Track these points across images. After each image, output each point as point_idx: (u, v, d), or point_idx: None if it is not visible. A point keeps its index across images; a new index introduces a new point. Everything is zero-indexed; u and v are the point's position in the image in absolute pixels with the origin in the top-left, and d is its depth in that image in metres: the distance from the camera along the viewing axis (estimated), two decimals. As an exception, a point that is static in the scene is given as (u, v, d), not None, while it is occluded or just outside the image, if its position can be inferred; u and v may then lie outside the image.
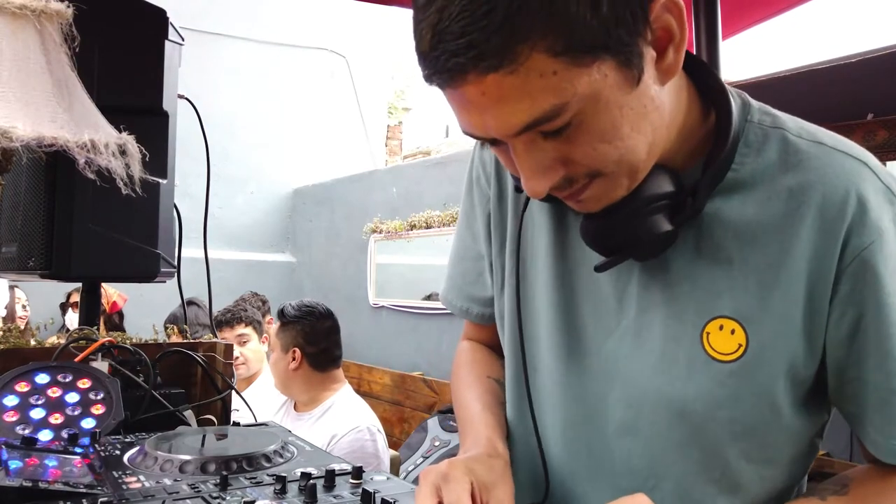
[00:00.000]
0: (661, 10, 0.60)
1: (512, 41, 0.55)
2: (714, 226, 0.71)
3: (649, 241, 0.69)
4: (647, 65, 0.61)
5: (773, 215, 0.69)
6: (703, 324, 0.71)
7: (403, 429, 4.07)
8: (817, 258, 0.68)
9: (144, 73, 1.34)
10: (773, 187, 0.70)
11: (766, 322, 0.69)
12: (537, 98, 0.58)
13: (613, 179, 0.66)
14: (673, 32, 0.61)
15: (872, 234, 0.66)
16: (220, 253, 4.98)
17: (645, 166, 0.67)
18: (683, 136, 0.71)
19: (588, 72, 0.57)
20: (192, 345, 1.37)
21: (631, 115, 0.62)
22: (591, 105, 0.59)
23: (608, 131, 0.61)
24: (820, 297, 0.68)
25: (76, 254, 1.27)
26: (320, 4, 6.11)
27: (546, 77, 0.57)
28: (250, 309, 3.11)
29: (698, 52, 1.42)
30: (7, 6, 0.88)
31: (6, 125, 0.83)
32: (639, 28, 0.59)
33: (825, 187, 0.68)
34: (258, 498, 0.76)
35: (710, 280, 0.71)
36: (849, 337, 0.69)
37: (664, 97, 0.65)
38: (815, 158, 0.70)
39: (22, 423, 0.99)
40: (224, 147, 4.98)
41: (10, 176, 1.32)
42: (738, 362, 0.70)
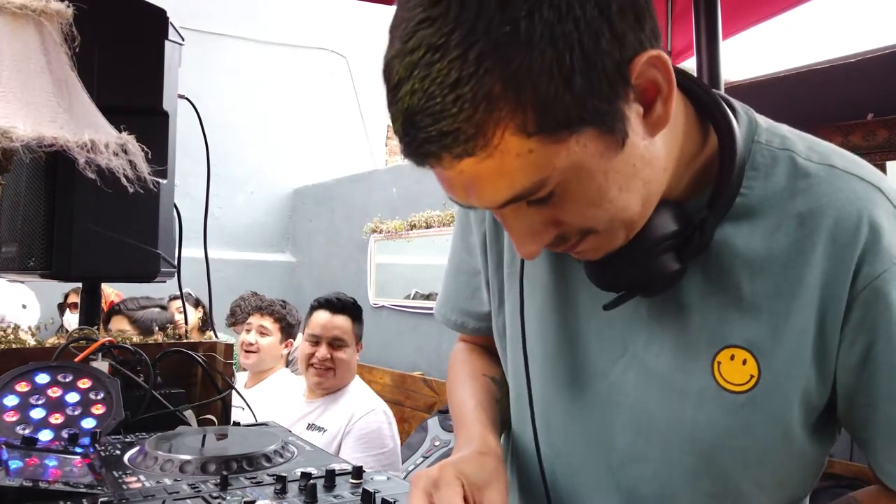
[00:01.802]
0: (645, 67, 0.57)
1: (483, 126, 0.54)
2: (723, 254, 0.70)
3: (657, 281, 0.68)
4: (632, 123, 0.59)
5: (783, 242, 0.68)
6: (714, 353, 0.70)
7: (403, 429, 4.06)
8: (828, 285, 0.66)
9: (144, 73, 1.34)
10: (782, 213, 0.68)
11: (779, 352, 0.68)
12: (515, 177, 0.57)
13: (608, 234, 0.65)
14: (660, 86, 0.59)
15: (885, 263, 0.64)
16: (220, 253, 4.98)
17: (642, 217, 0.66)
18: (684, 165, 0.70)
19: (566, 146, 0.56)
20: (192, 345, 1.37)
21: (618, 178, 0.60)
22: (573, 175, 0.58)
23: (595, 197, 0.61)
24: (831, 324, 0.67)
25: (76, 254, 1.27)
26: (320, 4, 6.11)
27: (522, 156, 0.56)
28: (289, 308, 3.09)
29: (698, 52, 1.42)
30: (7, 6, 0.88)
31: (6, 125, 0.83)
32: (618, 93, 0.57)
33: (836, 212, 0.66)
34: (258, 498, 0.76)
35: (720, 309, 0.70)
36: (859, 364, 0.67)
37: (657, 147, 0.63)
38: (826, 182, 0.68)
39: (22, 422, 0.99)
40: (224, 147, 4.98)
41: (10, 176, 1.32)
42: (750, 393, 0.69)
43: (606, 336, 0.77)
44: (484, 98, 0.53)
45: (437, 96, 0.53)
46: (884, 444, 0.68)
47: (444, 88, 0.53)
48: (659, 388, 0.73)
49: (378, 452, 2.28)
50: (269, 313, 3.01)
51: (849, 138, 1.88)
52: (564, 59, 0.53)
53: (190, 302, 3.50)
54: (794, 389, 0.68)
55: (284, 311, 3.05)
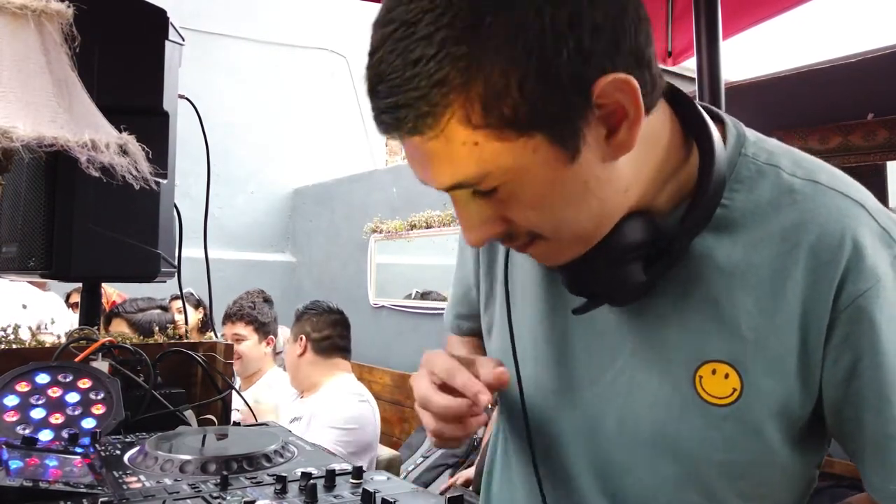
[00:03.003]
0: (610, 89, 0.57)
1: (434, 108, 0.56)
2: (703, 267, 0.70)
3: (621, 291, 0.69)
4: (590, 142, 0.59)
5: (765, 257, 0.68)
6: (696, 367, 0.70)
7: (403, 429, 4.07)
8: (811, 301, 0.66)
9: (144, 73, 1.34)
10: (764, 228, 0.68)
11: (761, 366, 0.68)
12: (459, 165, 0.59)
13: (558, 244, 0.67)
14: (626, 111, 0.59)
15: (869, 281, 0.65)
16: (220, 253, 4.98)
17: (595, 233, 0.66)
18: (664, 180, 0.70)
19: (513, 146, 0.57)
20: (192, 345, 1.37)
21: (564, 191, 0.61)
22: (518, 176, 0.59)
23: (538, 203, 0.62)
24: (814, 340, 0.67)
25: (76, 254, 1.27)
26: (320, 4, 6.11)
27: (467, 146, 0.57)
28: (258, 307, 3.09)
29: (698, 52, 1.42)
30: (7, 6, 0.88)
31: (6, 125, 0.83)
32: (575, 107, 0.57)
33: (819, 228, 0.66)
34: (258, 498, 0.76)
35: (700, 322, 0.70)
36: (845, 380, 0.67)
37: (618, 168, 0.63)
38: (810, 198, 0.68)
39: (22, 422, 0.99)
40: (224, 147, 4.98)
41: (10, 176, 1.32)
42: (732, 406, 0.69)
43: (595, 346, 0.77)
44: (439, 81, 0.55)
45: (399, 70, 0.56)
46: (870, 458, 0.69)
47: (406, 64, 0.55)
48: (644, 400, 0.73)
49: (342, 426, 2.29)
50: (238, 318, 3.00)
51: (849, 138, 1.88)
52: (521, 61, 0.54)
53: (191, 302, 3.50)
54: (776, 403, 0.68)
55: (254, 311, 3.04)
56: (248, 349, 2.95)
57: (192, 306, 3.27)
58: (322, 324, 2.62)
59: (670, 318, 0.71)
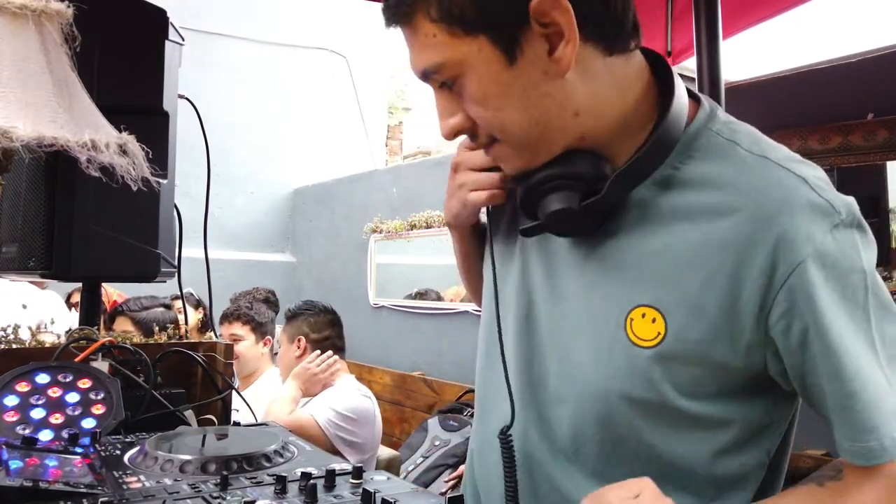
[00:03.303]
0: (548, 7, 0.68)
1: (410, 6, 0.71)
2: (647, 220, 0.76)
3: (558, 218, 0.76)
4: (528, 53, 0.70)
5: (706, 218, 0.73)
6: (628, 310, 0.76)
7: (403, 429, 4.07)
8: (744, 264, 0.70)
9: (144, 73, 1.34)
10: (710, 193, 0.74)
11: (685, 315, 0.73)
12: (425, 53, 0.73)
13: (511, 149, 0.77)
14: (563, 31, 0.68)
15: (806, 250, 0.69)
16: (220, 253, 4.98)
17: (541, 144, 0.75)
18: (627, 132, 0.76)
19: (461, 42, 0.70)
20: (192, 345, 1.37)
21: (505, 92, 0.71)
22: (466, 69, 0.71)
23: (479, 97, 0.72)
24: (747, 302, 0.71)
25: (76, 254, 1.27)
26: (320, 4, 6.11)
27: (429, 38, 0.71)
28: (256, 307, 3.08)
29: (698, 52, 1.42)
30: (7, 6, 0.88)
31: (6, 125, 0.83)
32: (515, 16, 0.68)
33: (760, 197, 0.71)
34: (258, 498, 0.76)
35: (639, 270, 0.76)
36: (800, 347, 0.71)
37: (566, 90, 0.72)
38: (756, 172, 0.73)
39: (22, 422, 0.99)
40: (224, 147, 4.98)
41: (10, 176, 1.32)
42: (655, 349, 0.74)
43: (551, 285, 0.85)
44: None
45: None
46: (835, 420, 0.72)
47: None
48: (582, 339, 0.80)
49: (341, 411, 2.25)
50: (235, 318, 2.99)
51: (849, 138, 1.88)
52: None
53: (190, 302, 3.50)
54: (696, 350, 0.73)
55: (251, 311, 3.02)
56: (245, 349, 2.94)
57: (192, 306, 3.27)
58: (320, 324, 2.59)
59: (614, 261, 0.78)
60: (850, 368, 0.69)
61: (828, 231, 0.69)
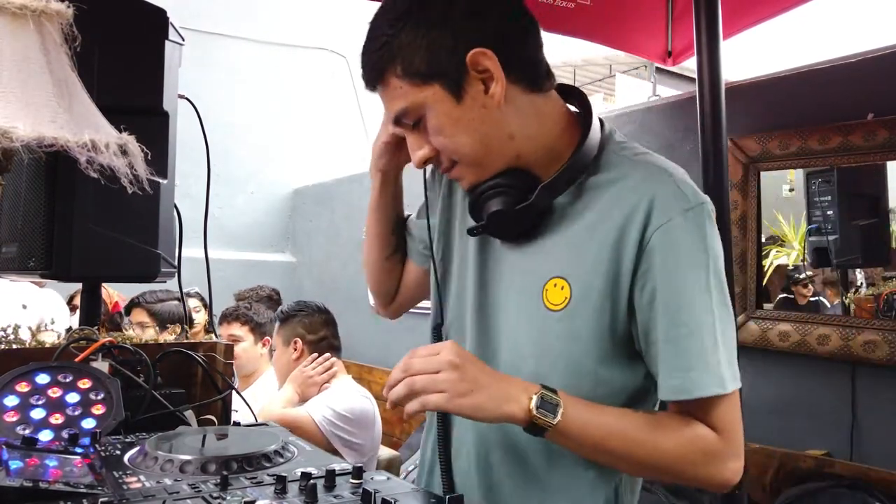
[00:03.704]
0: (479, 58, 0.90)
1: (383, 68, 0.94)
2: (565, 215, 0.98)
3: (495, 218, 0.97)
4: (471, 92, 0.92)
5: (604, 210, 0.94)
6: (544, 282, 0.97)
7: (403, 429, 4.07)
8: (623, 240, 0.91)
9: (144, 73, 1.34)
10: (609, 190, 0.95)
11: (583, 280, 0.93)
12: (395, 102, 0.95)
13: (466, 167, 0.97)
14: (493, 75, 0.91)
15: (661, 221, 0.89)
16: (220, 253, 4.98)
17: (486, 161, 0.96)
18: (553, 156, 0.98)
19: (421, 90, 0.92)
20: (192, 345, 1.37)
21: (457, 123, 0.93)
22: (427, 110, 0.93)
23: (438, 129, 0.94)
24: (625, 270, 0.91)
25: (77, 254, 1.27)
26: (320, 4, 6.11)
27: (397, 90, 0.93)
28: (255, 308, 3.07)
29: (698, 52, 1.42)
30: (7, 6, 0.88)
31: (6, 125, 0.83)
32: (457, 67, 0.90)
33: (636, 186, 0.93)
34: (258, 498, 0.76)
35: (555, 252, 0.97)
36: (648, 304, 0.91)
37: (502, 117, 0.93)
38: (638, 169, 0.95)
39: (22, 423, 0.99)
40: (224, 147, 4.97)
41: (10, 176, 1.32)
42: (563, 311, 0.95)
43: (499, 275, 1.04)
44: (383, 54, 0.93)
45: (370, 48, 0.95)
46: (661, 367, 0.91)
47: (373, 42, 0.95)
48: (512, 310, 1.01)
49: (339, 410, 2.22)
50: (234, 319, 2.97)
51: (849, 138, 1.88)
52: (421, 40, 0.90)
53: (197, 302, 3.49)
54: (594, 311, 0.93)
55: (250, 311, 3.00)
56: (244, 351, 2.92)
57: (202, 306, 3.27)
58: (316, 325, 2.53)
59: (539, 249, 0.99)
60: (685, 318, 0.88)
61: (682, 213, 0.90)
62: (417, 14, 0.91)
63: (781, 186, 2.12)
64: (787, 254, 2.12)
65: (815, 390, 1.93)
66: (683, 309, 0.88)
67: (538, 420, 0.87)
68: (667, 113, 2.38)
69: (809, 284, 2.09)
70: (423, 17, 0.91)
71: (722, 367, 0.88)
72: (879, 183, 1.90)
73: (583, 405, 0.90)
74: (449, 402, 0.87)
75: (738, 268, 2.11)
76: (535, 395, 0.87)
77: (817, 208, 2.01)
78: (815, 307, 2.05)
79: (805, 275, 2.09)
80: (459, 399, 0.87)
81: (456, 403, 0.87)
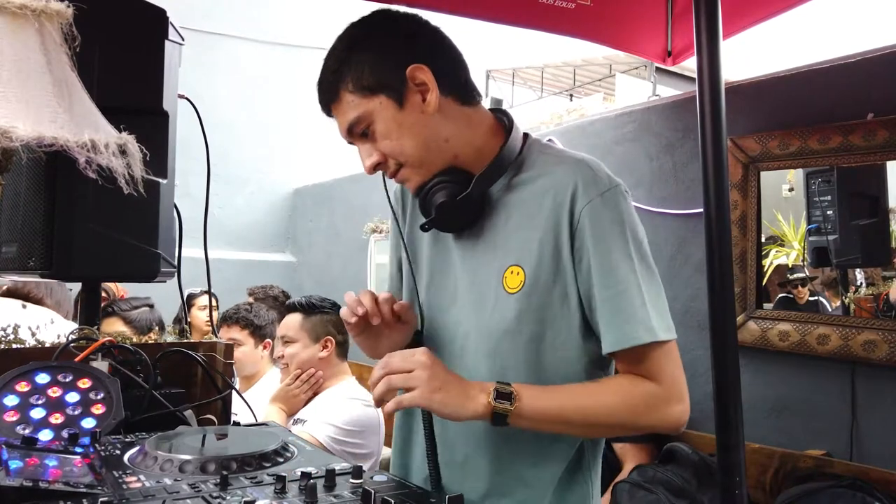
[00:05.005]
0: (416, 72, 1.06)
1: (336, 89, 1.09)
2: (506, 208, 1.12)
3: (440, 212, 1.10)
4: (412, 101, 1.07)
5: (536, 200, 1.09)
6: (503, 270, 1.10)
7: (403, 429, 4.06)
8: (557, 224, 1.07)
9: (144, 73, 1.34)
10: (537, 183, 1.11)
11: (534, 265, 1.07)
12: (347, 114, 1.09)
13: (411, 168, 1.10)
14: (428, 87, 1.07)
15: (585, 202, 1.05)
16: (220, 253, 4.97)
17: (427, 162, 1.10)
18: (483, 156, 1.12)
19: (369, 101, 1.07)
20: (192, 345, 1.37)
21: (400, 129, 1.07)
22: (375, 117, 1.07)
23: (385, 133, 1.08)
24: (562, 248, 1.07)
25: (77, 254, 1.27)
26: (320, 4, 6.11)
27: (349, 103, 1.08)
28: (255, 310, 3.06)
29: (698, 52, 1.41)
30: (7, 6, 0.88)
31: (6, 125, 0.83)
32: (399, 81, 1.06)
33: (561, 177, 1.08)
34: (258, 498, 0.76)
35: (506, 241, 1.11)
36: (586, 274, 1.06)
37: (438, 124, 1.09)
38: (559, 163, 1.11)
39: (22, 422, 0.99)
40: (224, 147, 4.96)
41: (10, 176, 1.32)
42: (520, 292, 1.08)
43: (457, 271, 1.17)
44: (339, 75, 1.08)
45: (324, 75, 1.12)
46: (602, 319, 1.05)
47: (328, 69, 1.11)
48: (480, 299, 1.13)
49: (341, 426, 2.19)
50: (234, 322, 2.95)
51: (849, 138, 1.88)
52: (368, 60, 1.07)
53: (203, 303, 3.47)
54: (545, 290, 1.07)
55: (250, 314, 2.98)
56: (244, 355, 2.89)
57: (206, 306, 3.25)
58: (340, 324, 2.35)
59: (490, 242, 1.13)
60: (613, 281, 1.04)
61: (600, 194, 1.06)
62: (363, 42, 1.09)
63: (781, 186, 2.12)
64: (786, 254, 2.12)
65: (815, 390, 1.93)
66: (612, 273, 1.04)
67: (498, 409, 0.99)
68: (667, 113, 2.38)
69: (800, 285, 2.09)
70: (368, 44, 1.09)
71: (652, 319, 1.03)
72: (879, 183, 1.90)
73: (535, 388, 1.03)
74: (421, 397, 0.98)
75: (738, 268, 2.11)
76: (491, 390, 1.00)
77: (817, 208, 2.01)
78: (814, 307, 2.05)
79: (798, 275, 2.09)
80: (430, 395, 0.98)
81: (427, 398, 0.98)
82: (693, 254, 2.22)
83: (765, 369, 2.05)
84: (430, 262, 1.22)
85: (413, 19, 1.12)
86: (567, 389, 1.06)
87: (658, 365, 1.04)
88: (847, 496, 1.64)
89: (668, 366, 1.05)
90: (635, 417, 1.05)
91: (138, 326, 2.67)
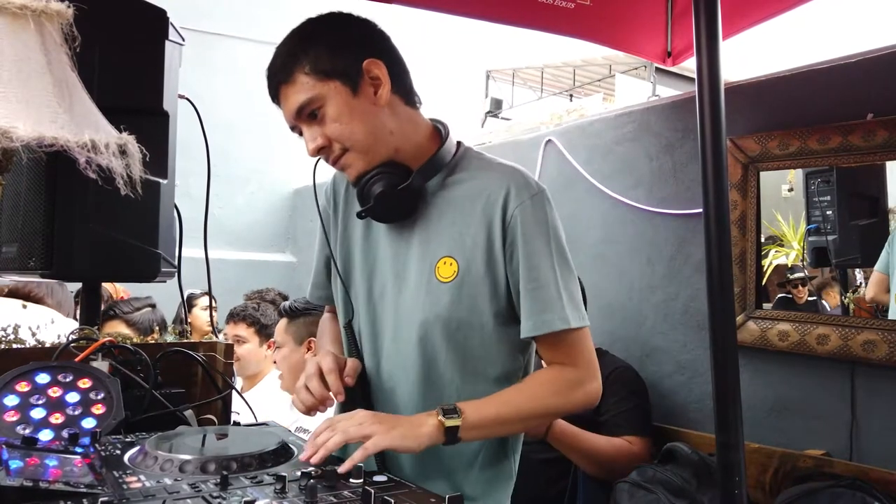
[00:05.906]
0: (372, 66, 1.13)
1: (291, 70, 1.12)
2: (439, 205, 1.20)
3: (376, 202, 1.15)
4: (365, 91, 1.13)
5: (470, 197, 1.18)
6: (436, 262, 1.17)
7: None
8: (490, 222, 1.16)
9: (144, 73, 1.34)
10: (470, 183, 1.19)
11: (467, 257, 1.16)
12: (299, 95, 1.11)
13: (356, 154, 1.15)
14: (381, 81, 1.13)
15: (517, 203, 1.15)
16: (220, 253, 4.97)
17: (373, 149, 1.15)
18: (421, 155, 1.20)
19: (324, 84, 1.11)
20: (192, 345, 1.38)
21: (350, 114, 1.12)
22: (327, 101, 1.11)
23: (336, 117, 1.12)
24: (494, 242, 1.15)
25: (77, 254, 1.27)
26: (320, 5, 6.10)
27: (303, 85, 1.11)
28: (262, 309, 3.05)
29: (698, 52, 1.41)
30: (7, 6, 0.88)
31: (6, 125, 0.83)
32: (355, 70, 1.12)
33: (495, 180, 1.18)
34: (258, 498, 0.76)
35: (439, 235, 1.18)
36: (515, 268, 1.15)
37: (387, 117, 1.15)
38: (492, 168, 1.21)
39: (22, 422, 0.99)
40: (224, 147, 4.95)
41: (10, 176, 1.32)
42: (453, 282, 1.16)
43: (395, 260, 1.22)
44: (296, 57, 1.12)
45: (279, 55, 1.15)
46: (525, 308, 1.14)
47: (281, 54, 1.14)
48: (409, 290, 1.19)
49: None
50: (241, 319, 2.95)
51: (848, 138, 1.87)
52: (327, 46, 1.12)
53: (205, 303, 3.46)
54: (476, 281, 1.15)
55: (258, 312, 2.98)
56: (248, 352, 2.91)
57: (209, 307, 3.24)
58: None
59: (425, 235, 1.19)
60: (536, 275, 1.14)
61: (530, 197, 1.16)
62: (322, 33, 1.15)
63: (781, 186, 2.12)
64: (786, 254, 2.12)
65: (815, 390, 1.93)
66: (535, 268, 1.14)
67: (448, 423, 1.05)
68: (666, 113, 2.38)
69: (799, 285, 2.08)
70: (327, 35, 1.14)
71: (566, 309, 1.14)
72: (879, 183, 1.89)
73: (473, 401, 1.11)
74: (382, 439, 1.01)
75: (738, 268, 2.11)
76: (438, 410, 1.07)
77: (817, 208, 2.01)
78: (814, 307, 2.04)
79: (797, 275, 2.09)
80: (389, 433, 1.03)
81: (388, 437, 1.02)
82: (693, 254, 2.21)
83: (764, 369, 2.05)
84: (363, 253, 1.26)
85: (368, 22, 1.19)
86: (500, 393, 1.15)
87: (573, 349, 1.17)
88: (847, 496, 1.64)
89: (583, 349, 1.18)
90: (559, 400, 1.17)
91: (141, 328, 2.66)
